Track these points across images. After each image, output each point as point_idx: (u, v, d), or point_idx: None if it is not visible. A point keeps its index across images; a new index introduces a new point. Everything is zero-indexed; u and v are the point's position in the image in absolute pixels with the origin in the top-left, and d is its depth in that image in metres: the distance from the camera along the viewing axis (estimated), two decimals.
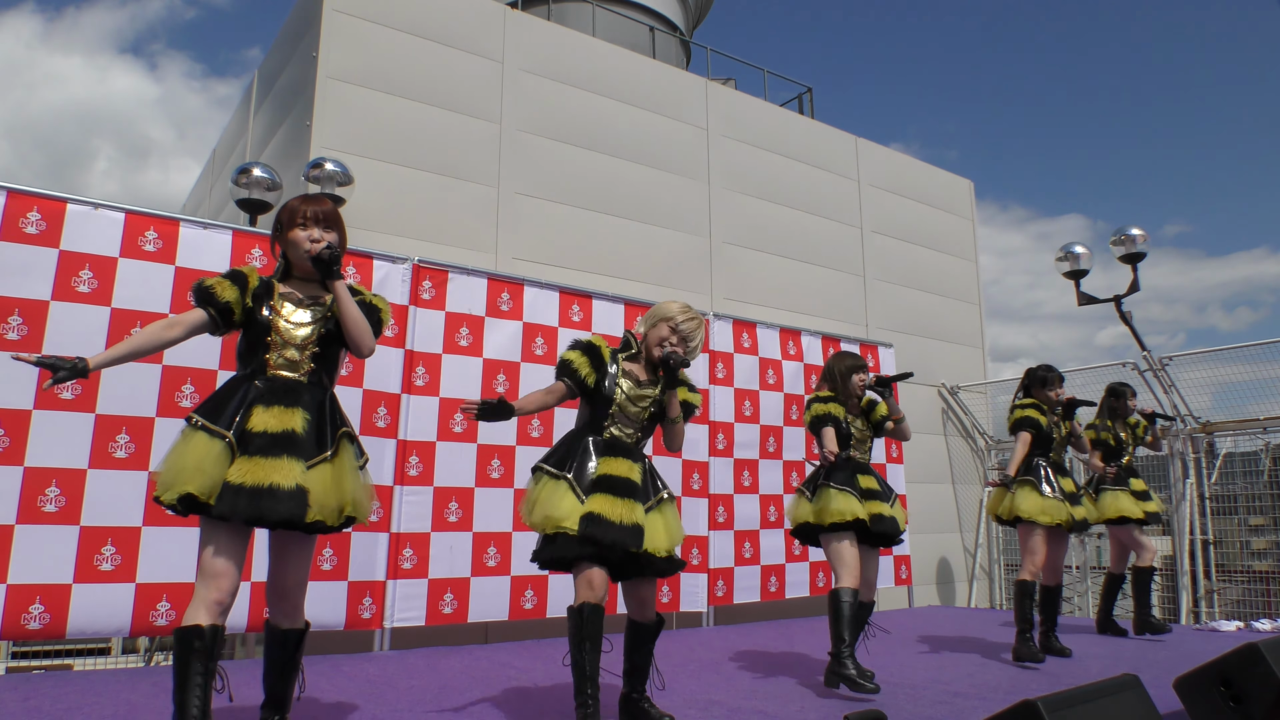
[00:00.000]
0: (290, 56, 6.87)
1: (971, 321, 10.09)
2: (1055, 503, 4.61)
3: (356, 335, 2.60)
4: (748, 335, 6.87)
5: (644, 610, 3.08)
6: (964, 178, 10.50)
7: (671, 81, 8.18)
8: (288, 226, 2.66)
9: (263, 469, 2.37)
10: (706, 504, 6.29)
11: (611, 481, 2.96)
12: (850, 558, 3.85)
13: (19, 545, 3.85)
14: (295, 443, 2.44)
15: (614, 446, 3.07)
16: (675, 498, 3.21)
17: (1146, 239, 8.09)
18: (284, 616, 2.65)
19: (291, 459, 2.41)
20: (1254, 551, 7.65)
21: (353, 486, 2.56)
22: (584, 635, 2.85)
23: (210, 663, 2.34)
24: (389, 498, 4.92)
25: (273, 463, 2.39)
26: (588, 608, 2.86)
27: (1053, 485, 4.65)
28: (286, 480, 2.37)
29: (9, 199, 4.07)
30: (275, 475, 2.37)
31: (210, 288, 2.58)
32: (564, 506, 2.90)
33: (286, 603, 2.63)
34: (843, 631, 3.71)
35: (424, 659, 4.43)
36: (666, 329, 3.17)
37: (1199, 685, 2.84)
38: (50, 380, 2.36)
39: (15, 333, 3.98)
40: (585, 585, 2.88)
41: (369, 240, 5.80)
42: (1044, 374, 4.86)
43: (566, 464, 3.00)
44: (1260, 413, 7.30)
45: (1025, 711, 2.16)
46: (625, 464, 3.02)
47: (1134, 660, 4.63)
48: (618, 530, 2.87)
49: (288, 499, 2.36)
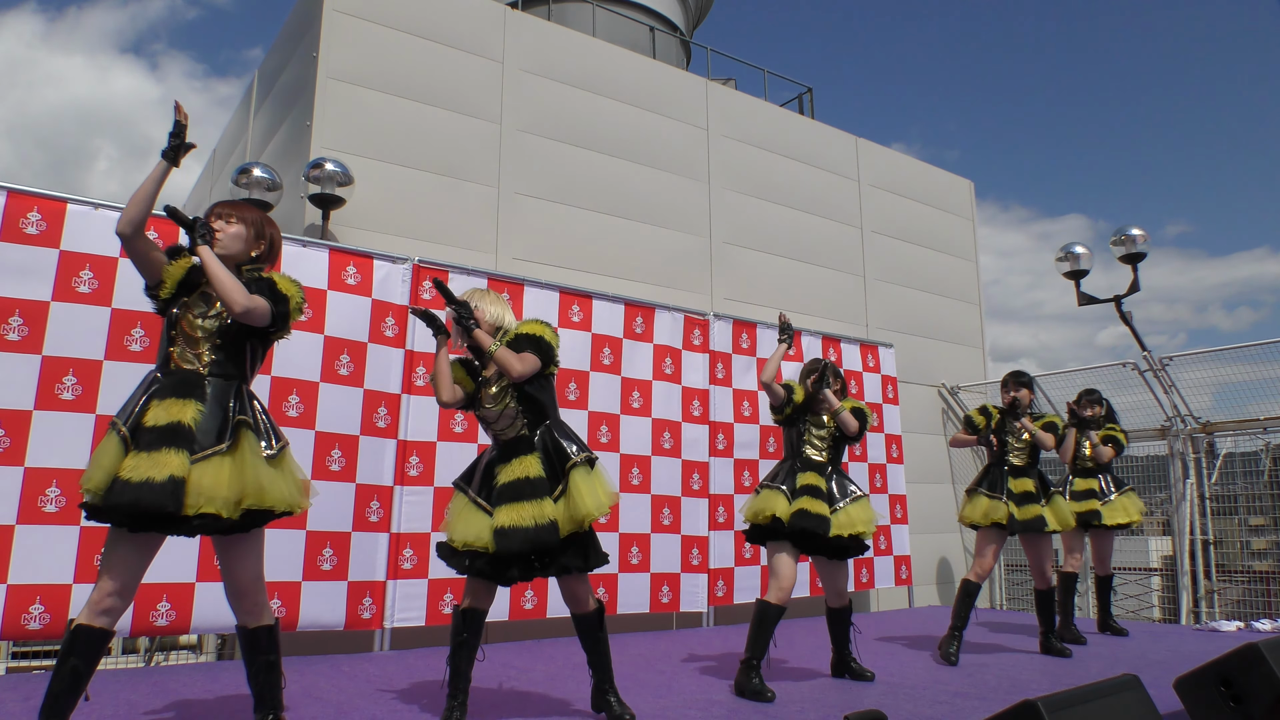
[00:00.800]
0: (290, 56, 6.87)
1: (971, 321, 10.09)
2: (993, 504, 4.72)
3: (222, 293, 2.55)
4: (747, 335, 6.87)
5: (577, 604, 3.15)
6: (964, 178, 10.50)
7: (671, 81, 8.18)
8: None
9: (143, 463, 2.35)
10: (706, 504, 6.29)
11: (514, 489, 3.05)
12: (781, 568, 3.84)
13: (19, 545, 3.85)
14: (180, 435, 2.41)
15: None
16: (592, 465, 3.13)
17: (1147, 239, 8.10)
18: (247, 615, 2.64)
19: (172, 451, 2.37)
20: (1254, 551, 7.65)
21: (255, 477, 2.48)
22: (455, 638, 3.06)
23: (76, 660, 2.36)
24: (389, 498, 4.93)
25: (152, 456, 2.36)
26: (458, 612, 3.07)
27: (996, 487, 4.76)
28: (160, 473, 2.33)
29: (9, 199, 4.07)
30: (151, 469, 2.34)
31: (169, 261, 2.66)
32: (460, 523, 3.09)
33: (246, 600, 2.62)
34: (755, 642, 3.73)
35: (424, 659, 4.43)
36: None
37: (1199, 685, 2.84)
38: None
39: (15, 333, 3.98)
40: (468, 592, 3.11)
41: (369, 240, 5.80)
42: (1003, 379, 5.01)
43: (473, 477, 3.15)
44: (1260, 413, 7.29)
45: (1025, 711, 2.16)
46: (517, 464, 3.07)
47: (1134, 660, 4.63)
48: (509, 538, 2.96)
49: (159, 491, 2.32)
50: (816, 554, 3.97)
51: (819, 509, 3.83)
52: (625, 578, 5.75)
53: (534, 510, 2.92)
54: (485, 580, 3.06)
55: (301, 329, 4.74)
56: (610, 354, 6.00)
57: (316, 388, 4.73)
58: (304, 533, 4.56)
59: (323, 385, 4.75)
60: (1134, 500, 5.71)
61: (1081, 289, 8.45)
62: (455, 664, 3.06)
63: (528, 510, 2.92)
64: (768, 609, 3.78)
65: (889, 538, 7.42)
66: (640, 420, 6.04)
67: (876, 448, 7.52)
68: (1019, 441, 4.85)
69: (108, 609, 2.41)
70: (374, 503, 4.86)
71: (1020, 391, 4.86)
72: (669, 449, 6.15)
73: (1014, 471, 4.80)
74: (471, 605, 3.08)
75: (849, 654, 4.11)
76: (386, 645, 4.83)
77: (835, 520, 3.85)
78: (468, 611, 3.07)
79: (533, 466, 3.00)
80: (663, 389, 6.22)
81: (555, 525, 2.94)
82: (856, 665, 4.10)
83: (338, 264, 4.97)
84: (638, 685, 3.84)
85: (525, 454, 3.04)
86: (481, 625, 3.11)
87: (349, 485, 4.77)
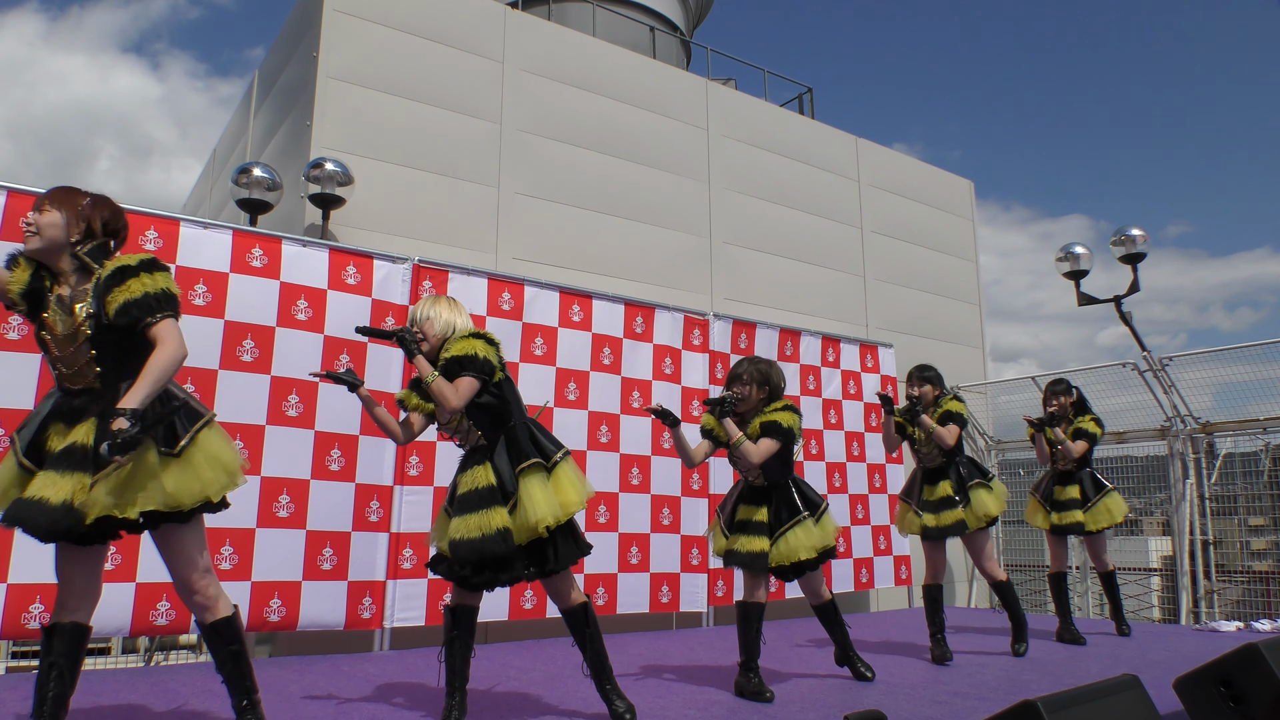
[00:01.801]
0: (290, 56, 6.87)
1: (971, 322, 10.10)
2: (907, 515, 4.76)
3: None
4: (747, 335, 6.87)
5: (560, 599, 3.16)
6: (964, 178, 10.51)
7: (672, 81, 8.18)
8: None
9: (38, 484, 2.31)
10: (706, 504, 6.29)
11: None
12: (748, 577, 3.79)
13: (19, 545, 3.85)
14: (78, 457, 2.33)
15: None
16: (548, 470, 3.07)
17: (1146, 239, 8.10)
18: (199, 610, 2.56)
19: (69, 474, 2.30)
20: (1254, 552, 7.65)
21: (148, 476, 2.35)
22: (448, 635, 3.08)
23: (56, 658, 2.43)
24: (389, 497, 4.93)
25: (49, 477, 2.30)
26: (448, 610, 3.10)
27: (910, 494, 4.79)
28: (56, 496, 2.27)
29: (9, 199, 4.07)
30: (46, 490, 2.28)
31: (9, 264, 2.47)
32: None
33: (195, 595, 2.54)
34: (744, 643, 3.73)
35: (424, 659, 4.43)
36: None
37: (1199, 685, 2.84)
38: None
39: (15, 333, 3.98)
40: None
41: (369, 240, 5.80)
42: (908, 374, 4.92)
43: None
44: (1260, 413, 7.30)
45: (1025, 711, 2.16)
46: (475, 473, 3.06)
47: (1134, 660, 4.63)
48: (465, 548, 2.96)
49: (52, 513, 2.26)
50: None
51: (751, 546, 3.67)
52: (625, 577, 5.75)
53: (479, 521, 2.90)
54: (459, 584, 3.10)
55: (302, 329, 4.74)
56: (610, 354, 6.00)
57: (316, 387, 4.73)
58: (304, 533, 4.56)
59: (322, 385, 4.75)
60: (1117, 501, 5.39)
61: (1081, 289, 8.45)
62: (450, 661, 3.07)
63: (473, 521, 2.90)
64: (748, 609, 3.73)
65: (889, 538, 7.42)
66: (641, 420, 6.04)
67: (875, 448, 7.52)
68: (926, 446, 4.72)
69: (74, 609, 2.45)
70: (374, 502, 4.86)
71: (923, 388, 4.71)
72: (669, 449, 6.15)
73: (928, 476, 4.72)
74: (459, 602, 3.11)
75: (851, 647, 4.09)
76: (386, 645, 4.83)
77: (775, 551, 3.66)
78: (456, 609, 3.10)
79: (482, 477, 2.98)
80: (663, 389, 6.22)
81: (506, 533, 2.89)
82: (859, 661, 4.08)
83: (338, 264, 4.97)
84: (637, 685, 3.83)
85: (478, 464, 3.03)
86: (473, 622, 3.12)
87: (349, 485, 4.77)
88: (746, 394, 3.76)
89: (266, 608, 4.41)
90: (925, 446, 4.74)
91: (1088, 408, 5.49)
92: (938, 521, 4.61)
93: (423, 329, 3.11)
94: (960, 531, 4.61)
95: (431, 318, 3.13)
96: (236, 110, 8.99)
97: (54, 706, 2.39)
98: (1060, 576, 5.50)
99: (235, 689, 2.65)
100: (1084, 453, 5.36)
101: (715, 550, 3.90)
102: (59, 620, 2.43)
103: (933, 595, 4.64)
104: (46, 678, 2.41)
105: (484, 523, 2.89)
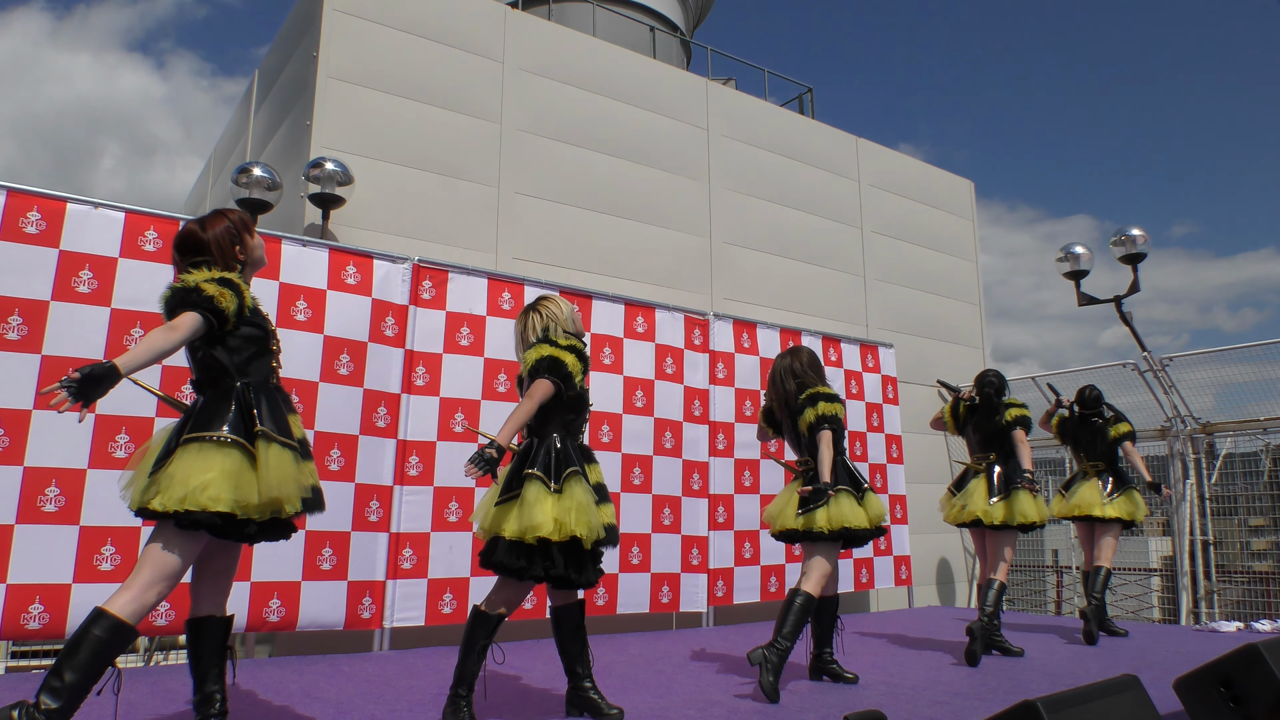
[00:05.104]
0: (290, 56, 6.87)
1: (972, 322, 10.09)
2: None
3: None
4: (748, 335, 6.87)
5: (567, 598, 3.28)
6: (965, 178, 10.50)
7: (672, 81, 8.17)
8: (246, 231, 2.77)
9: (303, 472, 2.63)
10: (706, 504, 6.29)
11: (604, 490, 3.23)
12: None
13: (19, 545, 3.85)
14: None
15: (587, 452, 3.28)
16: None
17: (1147, 239, 8.08)
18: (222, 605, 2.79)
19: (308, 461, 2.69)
20: (1254, 552, 7.65)
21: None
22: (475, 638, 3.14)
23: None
24: (389, 497, 4.92)
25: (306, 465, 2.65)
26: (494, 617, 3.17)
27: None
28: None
29: (9, 198, 4.07)
30: (309, 478, 2.64)
31: (211, 297, 2.52)
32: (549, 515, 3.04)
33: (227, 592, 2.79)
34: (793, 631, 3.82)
35: (424, 659, 4.43)
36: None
37: (1199, 685, 2.84)
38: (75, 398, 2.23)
39: (15, 332, 3.98)
40: (517, 596, 3.20)
41: (369, 240, 5.80)
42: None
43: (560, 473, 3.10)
44: (1261, 413, 7.29)
45: (1025, 711, 2.16)
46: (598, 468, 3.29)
47: (1134, 660, 4.63)
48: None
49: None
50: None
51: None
52: (625, 578, 5.75)
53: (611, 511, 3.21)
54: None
55: (302, 329, 4.74)
56: (611, 353, 6.00)
57: (316, 387, 4.73)
58: (304, 533, 4.56)
59: (322, 385, 4.75)
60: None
61: (1082, 289, 8.44)
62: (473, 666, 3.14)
63: (609, 510, 3.18)
64: (810, 601, 3.85)
65: (889, 538, 7.42)
66: (642, 420, 6.04)
67: (877, 448, 7.52)
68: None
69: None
70: (374, 502, 4.86)
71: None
72: (670, 449, 6.15)
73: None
74: (564, 602, 3.27)
75: (828, 653, 4.06)
76: (386, 645, 4.83)
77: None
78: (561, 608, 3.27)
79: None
80: (664, 388, 6.22)
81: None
82: (836, 666, 4.05)
83: (338, 264, 4.97)
84: (637, 685, 3.84)
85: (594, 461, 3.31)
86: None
87: (348, 485, 4.77)
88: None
89: (266, 608, 4.41)
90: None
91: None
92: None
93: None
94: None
95: (557, 316, 3.36)
96: (236, 109, 8.98)
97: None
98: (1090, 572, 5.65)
99: (209, 680, 2.71)
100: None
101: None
102: (211, 613, 2.67)
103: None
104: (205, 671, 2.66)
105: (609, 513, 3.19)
